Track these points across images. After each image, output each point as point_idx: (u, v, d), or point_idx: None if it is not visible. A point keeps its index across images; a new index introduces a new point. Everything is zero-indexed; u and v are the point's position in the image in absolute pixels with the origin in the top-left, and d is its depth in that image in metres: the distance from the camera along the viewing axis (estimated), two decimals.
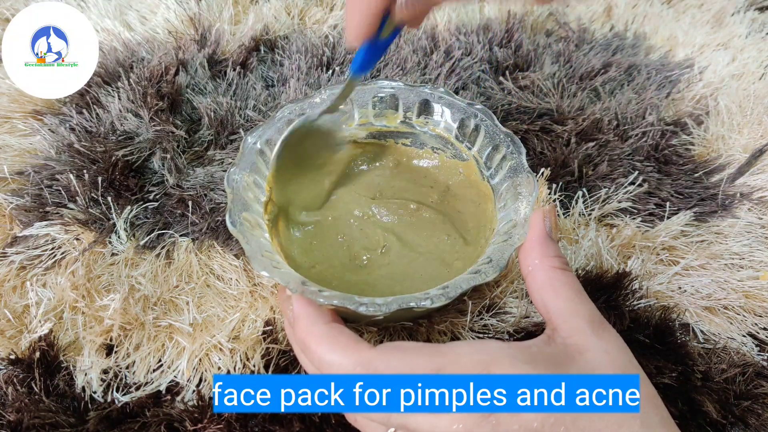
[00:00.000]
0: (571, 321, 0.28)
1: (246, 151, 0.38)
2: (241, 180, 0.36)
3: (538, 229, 0.31)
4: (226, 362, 0.37)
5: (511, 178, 0.37)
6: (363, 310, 0.30)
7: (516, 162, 0.38)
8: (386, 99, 0.42)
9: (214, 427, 0.34)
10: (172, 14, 0.59)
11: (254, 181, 0.37)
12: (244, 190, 0.36)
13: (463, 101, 0.41)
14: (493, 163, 0.39)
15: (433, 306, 0.31)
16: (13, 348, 0.38)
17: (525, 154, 0.38)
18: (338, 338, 0.28)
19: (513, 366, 0.26)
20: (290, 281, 0.31)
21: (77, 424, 0.35)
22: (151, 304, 0.40)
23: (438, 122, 0.42)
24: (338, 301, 0.30)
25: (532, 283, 0.30)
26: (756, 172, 0.49)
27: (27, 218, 0.44)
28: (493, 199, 0.40)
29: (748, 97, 0.55)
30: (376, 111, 0.43)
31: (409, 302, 0.30)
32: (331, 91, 0.41)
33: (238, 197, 0.35)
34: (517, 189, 0.36)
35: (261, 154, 0.38)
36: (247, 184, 0.37)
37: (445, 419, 0.26)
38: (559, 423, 0.25)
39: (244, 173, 0.37)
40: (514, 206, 0.36)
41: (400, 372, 0.25)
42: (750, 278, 0.42)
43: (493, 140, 0.39)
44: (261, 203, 0.38)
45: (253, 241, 0.33)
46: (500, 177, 0.39)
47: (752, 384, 0.37)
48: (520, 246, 0.32)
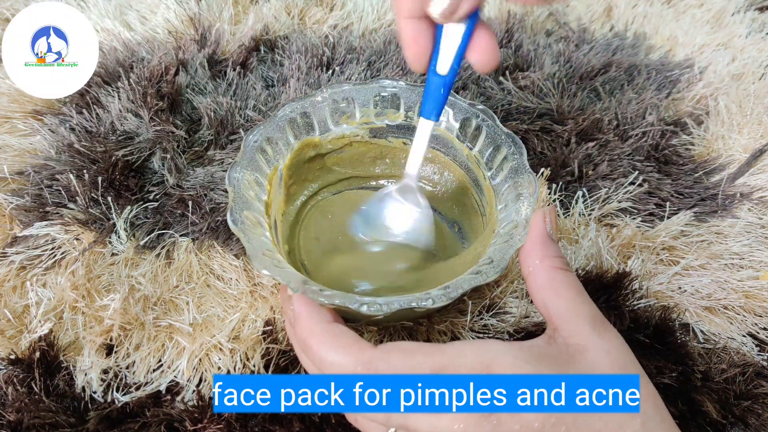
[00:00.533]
0: (572, 321, 0.28)
1: (247, 150, 0.38)
2: (242, 178, 0.36)
3: (538, 229, 0.31)
4: (226, 362, 0.37)
5: (513, 179, 0.37)
6: (364, 309, 0.30)
7: (517, 163, 0.38)
8: (388, 98, 0.42)
9: (214, 427, 0.34)
10: (172, 14, 0.59)
11: (255, 179, 0.37)
12: (246, 189, 0.36)
13: (464, 101, 0.41)
14: (495, 164, 0.39)
15: (434, 306, 0.31)
16: (13, 348, 0.38)
17: (526, 154, 0.38)
18: (339, 337, 0.28)
19: (514, 365, 0.26)
20: (291, 280, 0.31)
21: (77, 424, 0.35)
22: (151, 304, 0.40)
23: (440, 122, 0.42)
24: (339, 300, 0.30)
25: (533, 283, 0.30)
26: (756, 172, 0.49)
27: (27, 218, 0.44)
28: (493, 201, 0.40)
29: (748, 97, 0.55)
30: (377, 110, 0.43)
31: (410, 302, 0.30)
32: (332, 89, 0.41)
33: (239, 195, 0.35)
34: (519, 190, 0.36)
35: (262, 152, 0.38)
36: (249, 183, 0.37)
37: (445, 419, 0.26)
38: (560, 423, 0.25)
39: (245, 171, 0.37)
40: (515, 207, 0.36)
41: (401, 371, 0.25)
42: (750, 278, 0.42)
43: (494, 141, 0.39)
44: (262, 202, 0.38)
45: (254, 240, 0.33)
46: (501, 178, 0.39)
47: (752, 384, 0.37)
48: (520, 247, 0.32)
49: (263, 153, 0.39)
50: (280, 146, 0.40)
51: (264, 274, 0.35)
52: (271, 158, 0.39)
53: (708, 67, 0.59)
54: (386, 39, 0.60)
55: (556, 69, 0.57)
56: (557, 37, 0.63)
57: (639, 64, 0.59)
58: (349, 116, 0.43)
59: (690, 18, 0.66)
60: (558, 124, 0.52)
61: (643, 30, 0.65)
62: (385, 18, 0.63)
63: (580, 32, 0.64)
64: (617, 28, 0.66)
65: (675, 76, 0.58)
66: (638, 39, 0.64)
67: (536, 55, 0.59)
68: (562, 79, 0.55)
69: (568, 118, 0.52)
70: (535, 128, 0.51)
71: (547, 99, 0.54)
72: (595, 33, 0.65)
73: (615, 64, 0.58)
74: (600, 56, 0.60)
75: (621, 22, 0.66)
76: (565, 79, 0.56)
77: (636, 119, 0.53)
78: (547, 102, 0.53)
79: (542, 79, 0.55)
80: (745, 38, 0.63)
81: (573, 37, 0.63)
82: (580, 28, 0.65)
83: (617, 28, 0.66)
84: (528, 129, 0.51)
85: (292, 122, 0.40)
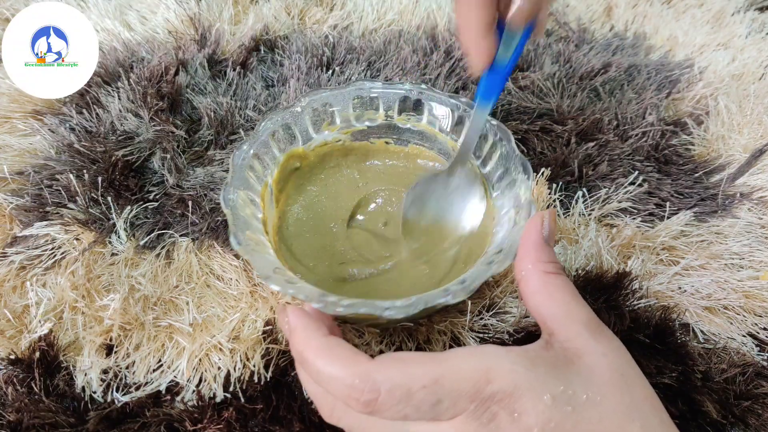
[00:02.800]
0: (568, 325, 0.28)
1: (236, 169, 0.38)
2: (236, 198, 0.36)
3: (532, 234, 0.31)
4: (226, 362, 0.37)
5: (504, 166, 0.38)
6: (387, 314, 0.30)
7: (506, 149, 0.38)
8: (366, 100, 0.43)
9: (214, 427, 0.34)
10: (172, 14, 0.60)
11: (249, 198, 0.37)
12: (242, 208, 0.36)
13: (444, 94, 0.41)
14: (483, 153, 0.39)
15: (454, 301, 0.31)
16: (13, 348, 0.38)
17: (513, 140, 0.38)
18: (336, 350, 0.27)
19: (512, 371, 0.26)
20: (309, 295, 0.31)
21: (77, 424, 0.35)
22: (151, 304, 0.40)
23: (420, 118, 0.43)
24: (364, 309, 0.30)
25: (526, 288, 0.30)
26: (756, 172, 0.49)
27: (27, 218, 0.44)
28: None
29: (748, 97, 0.55)
30: (356, 113, 0.43)
31: (430, 301, 0.30)
32: (310, 98, 0.41)
33: (237, 216, 0.35)
34: (512, 175, 0.36)
35: (251, 169, 0.38)
36: (243, 202, 0.36)
37: (444, 427, 0.26)
38: (560, 428, 0.25)
39: (238, 191, 0.37)
40: (512, 193, 0.36)
41: (398, 382, 0.25)
42: (750, 278, 0.42)
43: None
44: (259, 219, 0.38)
45: (261, 260, 0.33)
46: (491, 166, 0.39)
47: (752, 384, 0.37)
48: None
49: (252, 170, 0.38)
50: (267, 161, 0.40)
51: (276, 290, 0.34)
52: (260, 175, 0.39)
53: (708, 67, 0.59)
54: (386, 39, 0.60)
55: (556, 69, 0.57)
56: (557, 37, 0.63)
57: (639, 64, 0.59)
58: (330, 122, 0.43)
59: (690, 18, 0.66)
60: (558, 124, 0.52)
61: (643, 30, 0.65)
62: (385, 18, 0.63)
63: (580, 32, 0.64)
64: (617, 28, 0.66)
65: (675, 76, 0.58)
66: (638, 39, 0.64)
67: (536, 55, 0.59)
68: (562, 79, 0.55)
69: (568, 118, 0.52)
70: (535, 128, 0.51)
71: (547, 99, 0.54)
72: (595, 33, 0.65)
73: (615, 64, 0.58)
74: (600, 56, 0.60)
75: (621, 22, 0.66)
76: (565, 79, 0.56)
77: (636, 119, 0.53)
78: (547, 102, 0.53)
79: (542, 79, 0.55)
80: (745, 38, 0.63)
81: (573, 37, 0.63)
82: (580, 28, 0.65)
83: (617, 28, 0.66)
84: (528, 129, 0.51)
85: (275, 135, 0.40)
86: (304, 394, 0.36)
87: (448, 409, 0.25)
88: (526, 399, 0.25)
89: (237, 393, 0.36)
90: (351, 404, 0.26)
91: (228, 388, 0.37)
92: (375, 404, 0.25)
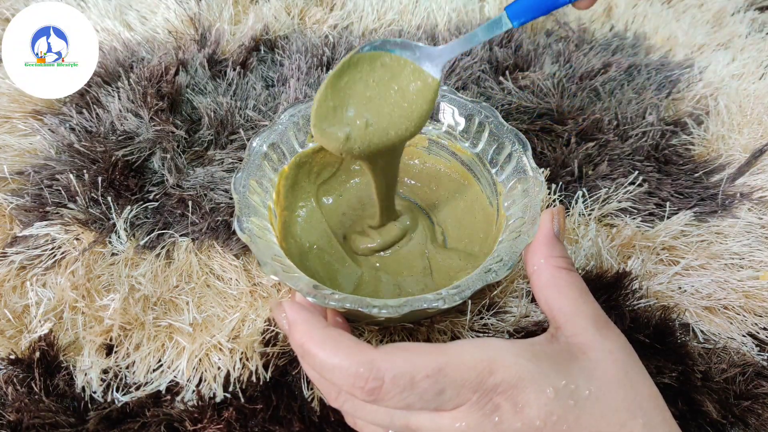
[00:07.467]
0: (575, 320, 0.28)
1: (252, 155, 0.38)
2: (247, 185, 0.36)
3: (545, 229, 0.32)
4: (226, 362, 0.37)
5: (497, 141, 0.37)
6: (375, 312, 0.30)
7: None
8: None
9: (214, 427, 0.34)
10: (172, 14, 0.59)
11: (260, 185, 0.37)
12: (251, 195, 0.36)
13: (466, 99, 0.41)
14: (499, 161, 0.39)
15: (445, 306, 0.30)
16: (13, 348, 0.38)
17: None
18: (339, 341, 0.27)
19: (516, 363, 0.26)
20: (301, 285, 0.31)
21: (77, 424, 0.35)
22: (151, 304, 0.40)
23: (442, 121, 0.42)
24: (350, 304, 0.30)
25: (537, 282, 0.30)
26: (756, 172, 0.49)
27: (27, 218, 0.44)
28: None
29: (748, 97, 0.55)
30: None
31: (421, 304, 0.30)
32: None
33: (245, 202, 0.35)
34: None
35: (266, 157, 0.38)
36: (253, 189, 0.37)
37: (447, 417, 0.26)
38: (562, 421, 0.25)
39: (250, 178, 0.37)
40: (522, 203, 0.36)
41: (403, 371, 0.25)
42: (750, 278, 0.42)
43: (497, 138, 0.39)
44: (266, 207, 0.38)
45: (262, 246, 0.33)
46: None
47: (752, 384, 0.37)
48: (527, 245, 0.32)
49: (267, 158, 0.38)
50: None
51: (272, 279, 0.34)
52: (275, 164, 0.39)
53: (708, 67, 0.59)
54: None
55: (556, 69, 0.57)
56: (557, 37, 0.63)
57: (639, 64, 0.59)
58: None
59: (690, 18, 0.66)
60: (558, 124, 0.52)
61: (643, 30, 0.65)
62: (385, 18, 0.63)
63: (580, 32, 0.64)
64: (617, 28, 0.66)
65: (675, 76, 0.58)
66: (638, 39, 0.64)
67: (536, 55, 0.59)
68: (562, 79, 0.55)
69: (568, 118, 0.52)
70: (535, 128, 0.51)
71: (547, 99, 0.54)
72: (595, 33, 0.65)
73: (615, 64, 0.58)
74: (600, 56, 0.60)
75: (621, 22, 0.66)
76: (565, 79, 0.56)
77: (636, 119, 0.53)
78: (547, 102, 0.53)
79: (542, 79, 0.55)
80: (745, 38, 0.63)
81: (573, 37, 0.63)
82: (580, 28, 0.65)
83: (617, 28, 0.66)
84: (528, 129, 0.51)
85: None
86: (304, 394, 0.36)
87: (451, 399, 0.25)
88: (529, 391, 0.25)
89: (237, 393, 0.36)
90: (355, 393, 0.26)
91: (228, 388, 0.37)
92: (379, 392, 0.25)
